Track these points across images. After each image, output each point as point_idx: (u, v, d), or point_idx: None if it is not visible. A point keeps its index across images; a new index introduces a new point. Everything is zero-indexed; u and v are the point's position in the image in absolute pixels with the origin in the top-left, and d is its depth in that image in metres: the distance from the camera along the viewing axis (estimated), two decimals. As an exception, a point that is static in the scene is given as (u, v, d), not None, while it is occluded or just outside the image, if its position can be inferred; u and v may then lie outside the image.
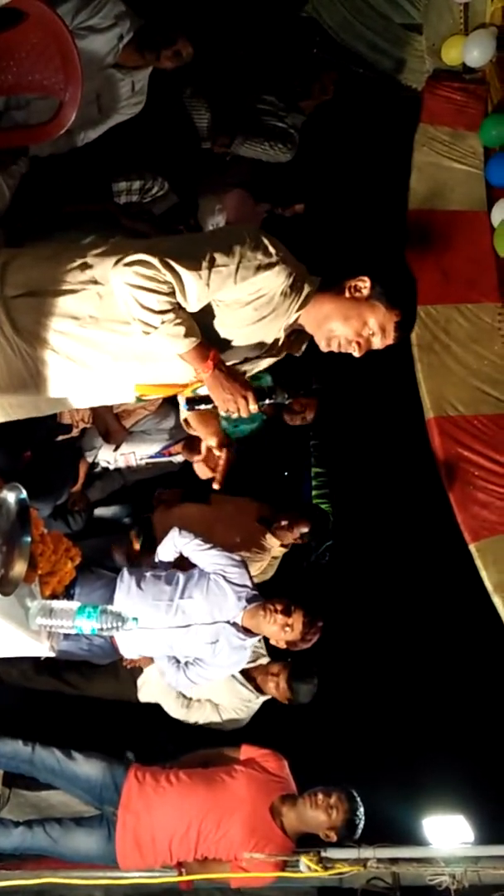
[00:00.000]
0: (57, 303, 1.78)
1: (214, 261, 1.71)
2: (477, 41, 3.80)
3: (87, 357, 1.82)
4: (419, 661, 4.33)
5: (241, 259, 1.73)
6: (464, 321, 3.78)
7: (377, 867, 2.56)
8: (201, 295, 1.74)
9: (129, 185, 3.15)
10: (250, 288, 1.76)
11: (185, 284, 1.71)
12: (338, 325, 1.84)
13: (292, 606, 2.74)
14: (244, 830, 2.67)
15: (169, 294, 1.70)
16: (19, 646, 1.94)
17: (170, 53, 2.99)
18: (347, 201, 4.18)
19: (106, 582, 2.87)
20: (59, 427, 3.34)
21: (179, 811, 2.71)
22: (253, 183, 3.75)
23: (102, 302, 1.77)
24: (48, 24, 2.46)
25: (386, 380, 4.00)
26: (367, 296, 1.83)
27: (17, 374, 1.84)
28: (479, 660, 4.02)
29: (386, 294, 1.82)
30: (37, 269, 1.81)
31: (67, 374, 1.85)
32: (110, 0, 2.93)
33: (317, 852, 2.57)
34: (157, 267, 1.67)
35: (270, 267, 1.75)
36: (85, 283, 1.78)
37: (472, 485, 3.55)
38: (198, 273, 1.70)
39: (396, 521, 4.76)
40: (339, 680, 3.43)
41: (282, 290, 1.79)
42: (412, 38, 4.17)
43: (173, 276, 1.69)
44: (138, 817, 2.72)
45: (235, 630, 2.74)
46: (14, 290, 1.78)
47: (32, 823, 2.85)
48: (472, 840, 2.77)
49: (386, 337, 1.85)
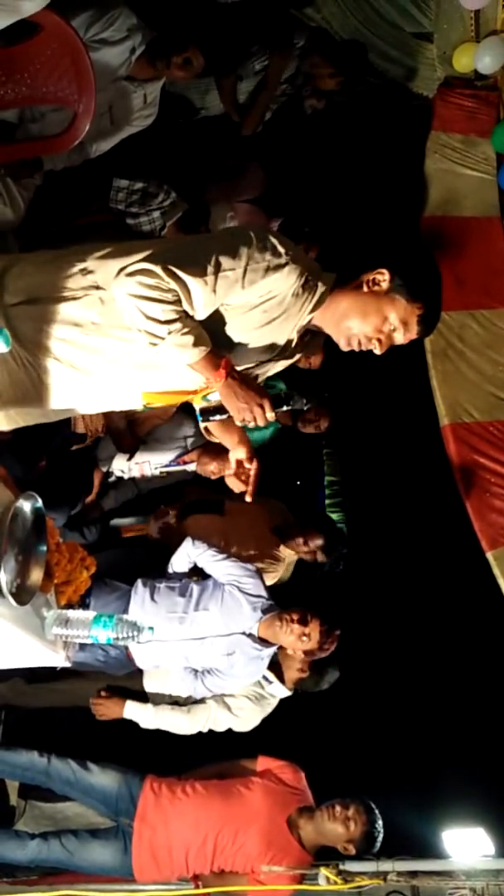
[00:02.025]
0: (58, 310, 1.72)
1: (220, 266, 1.64)
2: (488, 48, 3.79)
3: (91, 365, 1.76)
4: (437, 672, 4.29)
5: (248, 262, 1.65)
6: (478, 327, 3.76)
7: (397, 880, 2.53)
8: (208, 302, 1.67)
9: (131, 185, 3.14)
10: (259, 291, 1.68)
11: (191, 292, 1.64)
12: (356, 323, 1.76)
13: (309, 616, 2.72)
14: (261, 843, 2.65)
15: (174, 303, 1.63)
16: (35, 656, 1.93)
17: (180, 61, 2.98)
18: (360, 209, 4.18)
19: (120, 594, 2.87)
20: (74, 436, 3.34)
21: (196, 823, 2.69)
22: (265, 198, 3.75)
23: (105, 307, 1.71)
24: (62, 37, 2.49)
25: (400, 387, 3.99)
26: (386, 289, 1.74)
27: (20, 385, 1.80)
28: (499, 670, 3.98)
29: (407, 286, 1.74)
30: (36, 274, 1.75)
31: (71, 383, 1.81)
32: (123, 13, 2.95)
33: (336, 865, 2.54)
34: (160, 275, 1.60)
35: (280, 268, 1.66)
36: (86, 288, 1.71)
37: (488, 492, 3.52)
38: (203, 279, 1.63)
39: (412, 530, 4.73)
40: (357, 691, 3.40)
41: (293, 291, 1.71)
42: (423, 47, 4.16)
43: (178, 283, 1.62)
44: (154, 829, 2.70)
45: (251, 641, 2.72)
46: (14, 298, 1.72)
47: (48, 835, 2.83)
48: (493, 853, 2.72)
49: (409, 331, 1.77)
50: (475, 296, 3.79)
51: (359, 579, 5.01)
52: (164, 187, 3.24)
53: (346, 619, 3.04)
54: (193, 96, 3.69)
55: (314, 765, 3.05)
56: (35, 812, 3.26)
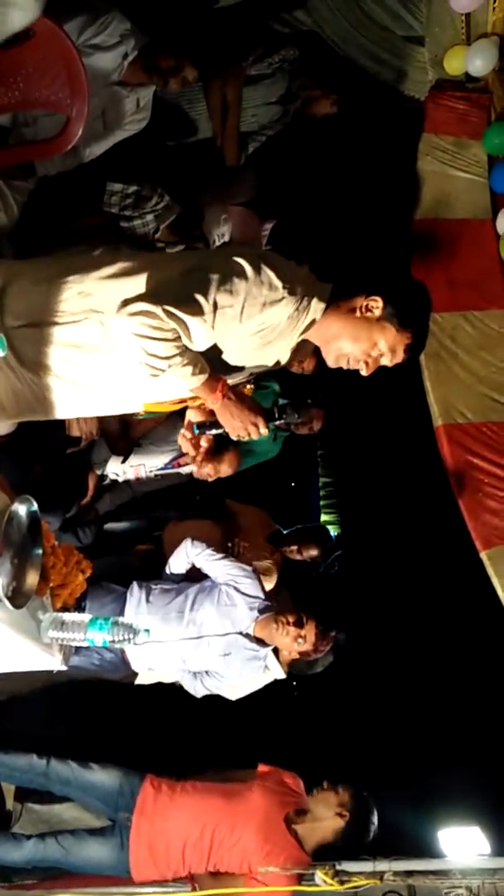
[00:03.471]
0: (59, 333, 1.75)
1: (218, 304, 1.67)
2: (479, 50, 3.83)
3: (93, 381, 1.80)
4: (433, 671, 4.31)
5: (245, 298, 1.68)
6: (471, 329, 3.78)
7: (393, 880, 2.53)
8: (208, 337, 1.72)
9: (124, 189, 3.14)
10: (256, 323, 1.72)
11: (191, 330, 1.68)
12: (346, 345, 1.81)
13: (305, 617, 2.73)
14: (258, 837, 2.66)
15: (175, 340, 1.67)
16: (31, 659, 1.93)
17: (178, 80, 3.05)
18: (353, 212, 4.19)
19: (116, 596, 2.87)
20: (69, 440, 3.34)
21: (194, 816, 2.71)
22: (258, 200, 3.76)
23: (104, 329, 1.73)
24: (55, 41, 2.48)
25: (393, 388, 4.00)
26: (378, 316, 1.80)
27: (24, 401, 1.84)
28: (494, 669, 3.99)
29: (398, 315, 1.79)
30: (36, 295, 1.76)
31: (74, 397, 1.85)
32: (116, 18, 2.96)
33: (332, 866, 2.55)
34: (160, 317, 1.64)
35: (276, 303, 1.70)
36: (86, 311, 1.73)
37: (482, 492, 3.54)
38: (202, 318, 1.67)
39: (406, 530, 4.75)
40: (353, 690, 3.41)
41: (289, 316, 1.75)
42: (414, 50, 4.19)
43: (178, 323, 1.66)
44: (153, 822, 2.72)
45: (248, 641, 2.73)
46: (15, 321, 1.74)
47: (44, 835, 2.84)
48: (489, 852, 2.73)
49: (395, 357, 1.83)
50: (467, 297, 3.81)
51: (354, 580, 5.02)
52: (157, 190, 3.23)
53: (342, 619, 3.05)
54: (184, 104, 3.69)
55: (311, 764, 3.06)
56: (32, 816, 3.25)
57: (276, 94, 3.74)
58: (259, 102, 3.73)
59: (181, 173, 3.58)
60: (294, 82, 3.74)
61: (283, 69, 3.71)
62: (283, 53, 3.68)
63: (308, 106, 3.78)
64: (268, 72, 3.68)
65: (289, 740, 3.26)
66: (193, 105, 3.67)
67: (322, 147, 4.12)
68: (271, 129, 3.85)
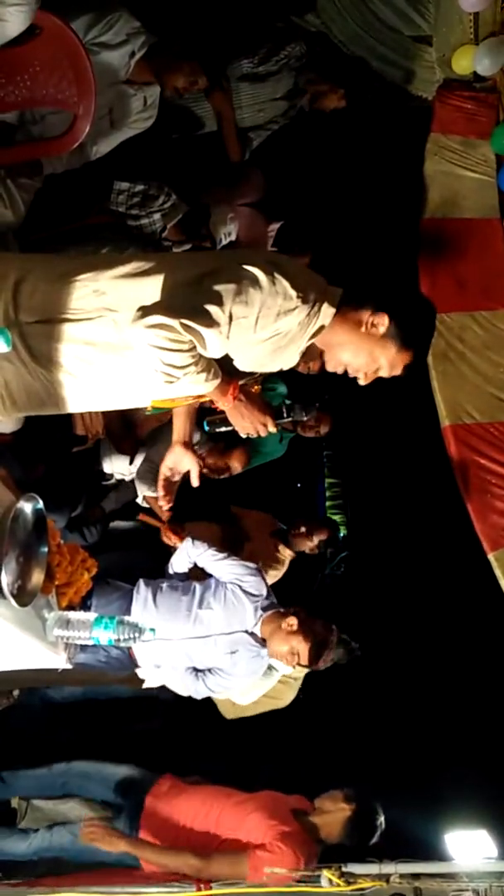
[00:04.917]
0: (72, 329, 1.76)
1: (234, 315, 1.69)
2: (488, 50, 3.80)
3: (105, 379, 1.81)
4: (439, 674, 4.29)
5: (260, 309, 1.70)
6: (479, 329, 3.76)
7: (399, 882, 2.52)
8: (223, 346, 1.74)
9: (131, 188, 3.15)
10: (269, 331, 1.74)
11: (206, 340, 1.70)
12: (348, 356, 1.86)
13: (304, 614, 2.74)
14: (265, 815, 2.72)
15: (191, 350, 1.69)
16: (37, 657, 1.93)
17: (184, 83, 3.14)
18: (360, 212, 4.19)
19: (122, 594, 2.87)
20: (74, 439, 3.34)
21: (204, 800, 2.84)
22: (265, 202, 3.76)
23: (118, 328, 1.74)
24: (62, 39, 2.49)
25: (400, 388, 3.98)
26: (382, 334, 1.83)
27: (35, 396, 1.85)
28: (502, 672, 3.97)
29: (402, 336, 1.83)
30: (50, 292, 1.77)
31: (85, 393, 1.86)
32: (123, 17, 2.96)
33: (338, 867, 2.53)
34: (177, 330, 1.65)
35: (290, 312, 1.72)
36: (99, 309, 1.75)
37: (489, 493, 3.52)
38: (218, 329, 1.69)
39: (413, 531, 4.73)
40: (360, 694, 3.40)
41: (299, 322, 1.76)
42: (422, 50, 4.17)
43: (193, 334, 1.67)
44: (164, 803, 2.84)
45: (252, 639, 2.73)
46: (29, 317, 1.76)
47: (52, 826, 2.90)
48: (496, 855, 2.72)
49: (393, 372, 1.88)
50: (475, 297, 3.79)
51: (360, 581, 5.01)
52: (164, 189, 3.23)
53: (347, 621, 3.04)
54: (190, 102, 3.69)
55: (318, 768, 3.05)
56: (36, 814, 3.26)
57: (283, 90, 3.74)
58: (265, 99, 3.72)
59: (188, 170, 3.58)
60: (301, 77, 3.73)
61: (289, 66, 3.70)
62: (288, 50, 3.67)
63: (316, 101, 3.77)
64: (274, 69, 3.68)
65: (295, 745, 3.25)
66: (199, 102, 3.67)
67: (329, 147, 4.12)
68: (276, 124, 3.84)
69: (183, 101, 3.57)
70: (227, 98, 3.62)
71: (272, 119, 3.82)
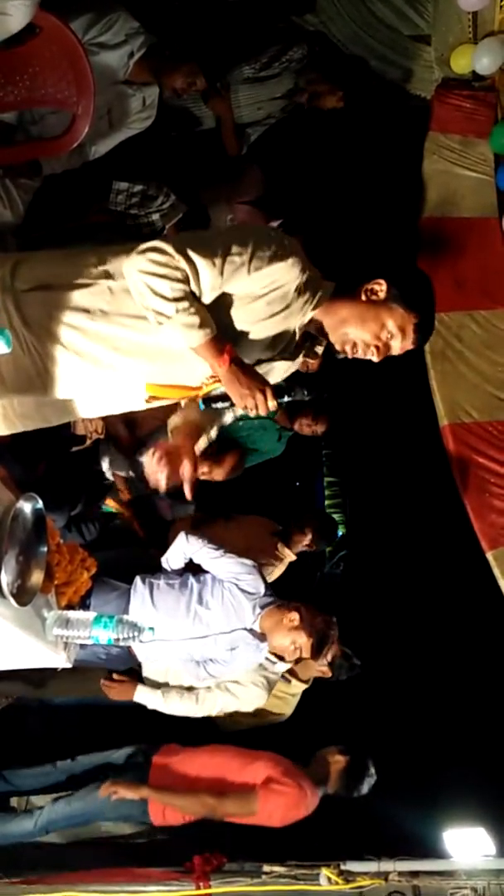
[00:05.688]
0: (68, 296, 1.77)
1: (229, 249, 1.71)
2: (486, 49, 3.81)
3: (97, 352, 1.80)
4: (437, 672, 4.29)
5: (255, 249, 1.71)
6: (477, 328, 3.76)
7: (398, 880, 2.54)
8: (214, 284, 1.72)
9: (130, 188, 3.16)
10: (264, 280, 1.74)
11: (199, 272, 1.69)
12: (354, 329, 1.82)
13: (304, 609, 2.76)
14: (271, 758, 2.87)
15: (182, 281, 1.68)
16: (36, 656, 1.94)
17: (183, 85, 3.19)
18: (359, 211, 4.19)
19: (120, 593, 2.87)
20: (73, 438, 3.34)
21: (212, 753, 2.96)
22: (264, 199, 3.77)
23: (114, 296, 1.77)
24: (61, 39, 2.50)
25: (399, 387, 3.99)
26: (383, 298, 1.81)
27: (24, 372, 1.83)
28: (500, 670, 3.98)
29: (403, 296, 1.80)
30: (50, 264, 1.83)
31: (75, 372, 1.84)
32: (122, 17, 2.97)
33: (337, 865, 2.55)
34: (170, 253, 1.67)
35: (284, 258, 1.73)
36: (97, 276, 1.78)
37: (488, 492, 3.52)
38: (212, 261, 1.69)
39: (412, 530, 4.73)
40: (358, 691, 3.40)
41: (296, 286, 1.76)
42: (420, 49, 4.18)
43: (187, 262, 1.67)
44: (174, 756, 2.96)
45: (252, 636, 2.74)
46: (25, 284, 1.78)
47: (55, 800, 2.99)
48: (494, 853, 2.73)
49: (405, 339, 1.83)
50: (474, 296, 3.79)
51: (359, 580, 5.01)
52: (163, 189, 3.25)
53: (346, 619, 3.05)
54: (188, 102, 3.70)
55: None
56: (35, 809, 3.27)
57: (283, 90, 3.76)
58: (264, 98, 3.75)
59: (187, 169, 3.59)
60: (302, 78, 3.74)
61: (290, 69, 3.72)
62: (290, 54, 3.69)
63: (314, 100, 3.78)
64: (276, 72, 3.70)
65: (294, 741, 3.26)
66: (198, 102, 3.68)
67: (328, 146, 4.12)
68: (274, 118, 3.86)
69: (181, 102, 3.58)
70: (226, 103, 3.64)
71: (270, 114, 3.83)
